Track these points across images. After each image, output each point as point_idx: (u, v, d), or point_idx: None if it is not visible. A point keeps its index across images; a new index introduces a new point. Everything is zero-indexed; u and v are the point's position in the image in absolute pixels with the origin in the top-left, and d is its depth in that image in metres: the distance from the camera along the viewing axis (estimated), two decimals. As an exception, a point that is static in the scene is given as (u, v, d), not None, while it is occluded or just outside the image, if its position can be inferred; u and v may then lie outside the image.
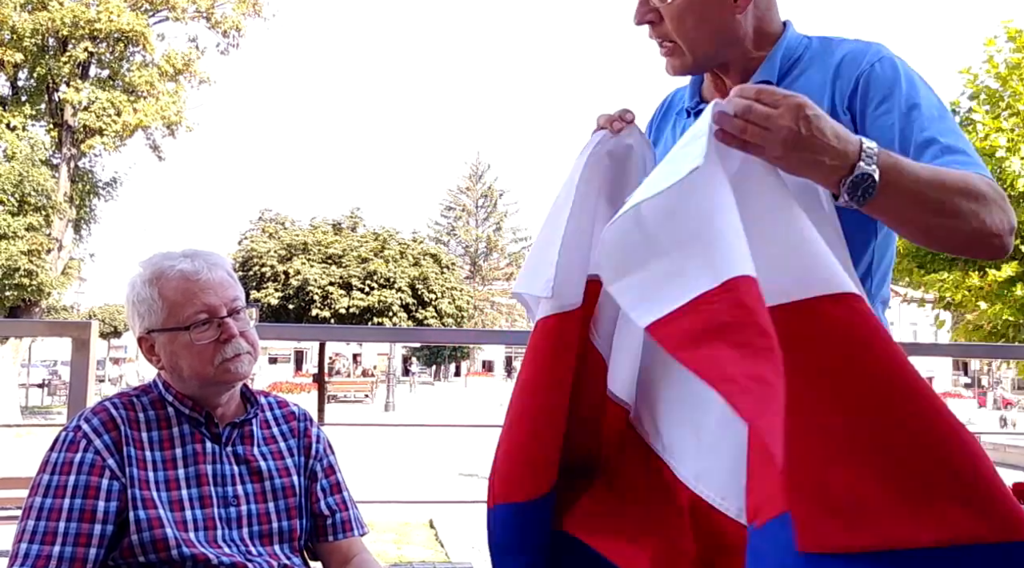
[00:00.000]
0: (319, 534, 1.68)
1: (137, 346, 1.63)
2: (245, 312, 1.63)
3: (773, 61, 1.44)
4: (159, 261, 1.59)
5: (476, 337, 9.21)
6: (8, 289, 18.96)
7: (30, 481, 1.49)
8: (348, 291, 22.40)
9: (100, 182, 22.68)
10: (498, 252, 57.01)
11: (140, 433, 1.53)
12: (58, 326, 2.72)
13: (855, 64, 1.37)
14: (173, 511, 1.48)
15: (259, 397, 1.71)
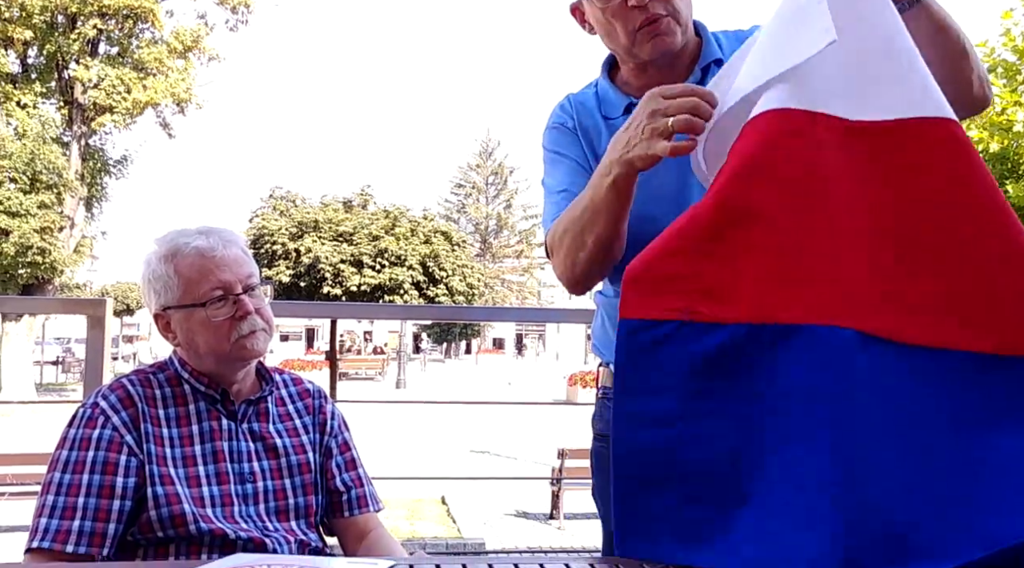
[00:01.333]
0: (335, 510, 1.69)
1: (153, 323, 1.63)
2: (260, 289, 1.63)
3: (710, 46, 1.54)
4: (174, 238, 1.59)
5: (487, 315, 9.20)
6: (21, 267, 19.07)
7: (46, 457, 1.50)
8: (359, 269, 22.42)
9: (111, 160, 22.75)
10: (508, 230, 56.91)
11: (157, 410, 1.53)
12: (73, 303, 2.73)
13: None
14: (190, 487, 1.49)
15: (274, 374, 1.71)
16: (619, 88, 1.58)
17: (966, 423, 0.97)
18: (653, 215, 1.39)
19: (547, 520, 7.73)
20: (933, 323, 1.01)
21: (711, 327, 1.04)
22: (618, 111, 1.56)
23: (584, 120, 1.59)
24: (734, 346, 1.02)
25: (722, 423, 1.03)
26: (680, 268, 1.07)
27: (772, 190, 1.06)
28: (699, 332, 1.04)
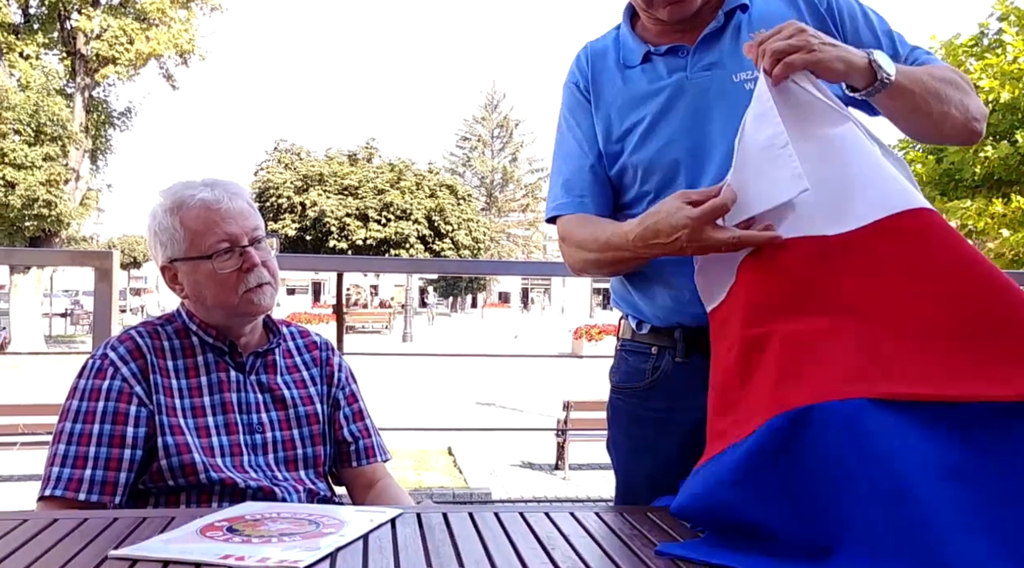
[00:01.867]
0: (343, 460, 1.71)
1: (160, 275, 1.63)
2: (266, 242, 1.63)
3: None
4: (180, 190, 1.59)
5: (493, 268, 9.19)
6: (28, 219, 19.08)
7: (57, 407, 1.51)
8: (365, 223, 22.39)
9: (115, 112, 22.61)
10: (514, 183, 56.65)
11: (166, 361, 1.55)
12: (80, 255, 2.73)
13: None
14: (200, 437, 1.50)
15: (281, 327, 1.72)
16: (639, 36, 1.57)
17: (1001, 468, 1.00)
18: (675, 159, 1.46)
19: (552, 471, 7.82)
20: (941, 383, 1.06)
21: (737, 445, 1.11)
22: (636, 59, 1.55)
23: (599, 73, 1.59)
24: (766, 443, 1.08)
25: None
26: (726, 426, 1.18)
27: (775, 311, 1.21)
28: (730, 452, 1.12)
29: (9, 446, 5.93)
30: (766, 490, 1.06)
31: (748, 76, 1.46)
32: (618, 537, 1.14)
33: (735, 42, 1.48)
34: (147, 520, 1.17)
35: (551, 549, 1.07)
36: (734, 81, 1.46)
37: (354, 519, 1.19)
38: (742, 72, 1.46)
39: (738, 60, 1.46)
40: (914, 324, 1.11)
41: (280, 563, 0.97)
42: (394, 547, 1.07)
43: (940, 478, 0.98)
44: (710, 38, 1.49)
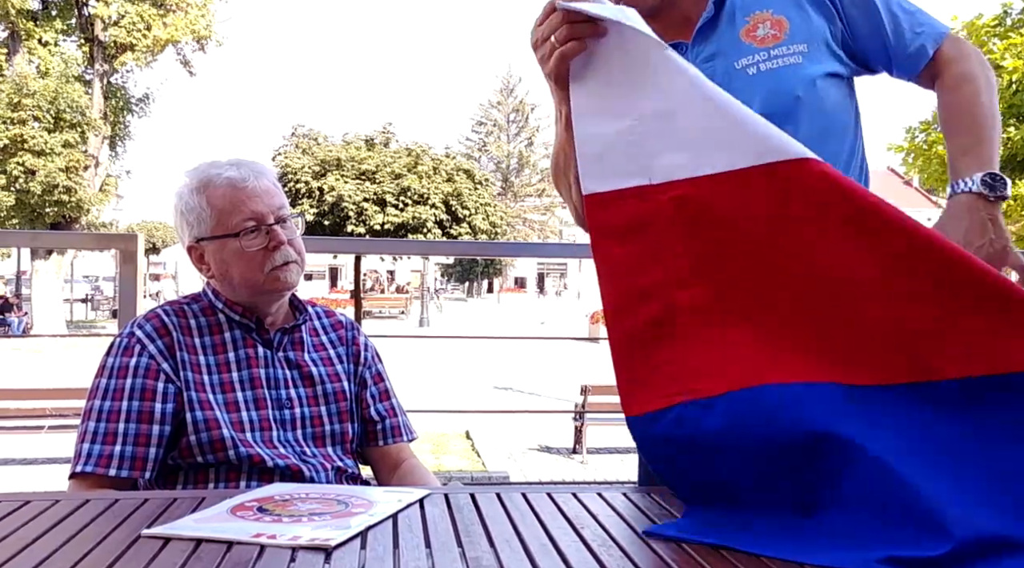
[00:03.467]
0: (369, 439, 1.71)
1: (177, 262, 1.64)
2: (292, 221, 1.63)
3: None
4: (206, 169, 1.59)
5: (511, 250, 9.19)
6: (48, 206, 19.23)
7: (82, 391, 1.52)
8: (382, 207, 22.39)
9: (133, 98, 22.70)
10: (530, 168, 56.51)
11: (192, 339, 1.55)
12: (105, 239, 2.75)
13: None
14: (229, 412, 1.51)
15: (307, 306, 1.72)
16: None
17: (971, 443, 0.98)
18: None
19: (570, 454, 7.83)
20: (899, 363, 1.01)
21: (711, 401, 1.06)
22: None
23: None
24: (732, 413, 1.05)
25: (745, 487, 1.05)
26: (665, 354, 1.09)
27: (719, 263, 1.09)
28: (700, 409, 1.07)
29: (36, 430, 6.00)
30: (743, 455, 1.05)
31: (750, 61, 1.45)
32: (647, 517, 1.13)
33: (731, 29, 1.48)
34: (177, 500, 1.17)
35: (580, 528, 1.06)
36: (736, 68, 1.46)
37: (383, 499, 1.19)
38: (743, 58, 1.46)
39: (737, 47, 1.46)
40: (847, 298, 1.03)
41: (311, 541, 0.97)
42: (424, 526, 1.07)
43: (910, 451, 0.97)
44: (705, 29, 1.49)
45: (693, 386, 1.07)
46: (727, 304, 1.08)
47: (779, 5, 1.48)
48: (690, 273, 1.08)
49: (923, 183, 18.64)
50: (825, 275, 1.04)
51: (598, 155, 1.12)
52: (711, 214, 1.08)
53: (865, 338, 1.03)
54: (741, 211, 1.06)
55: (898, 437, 0.99)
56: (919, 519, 0.92)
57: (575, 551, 0.98)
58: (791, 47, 1.46)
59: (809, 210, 1.04)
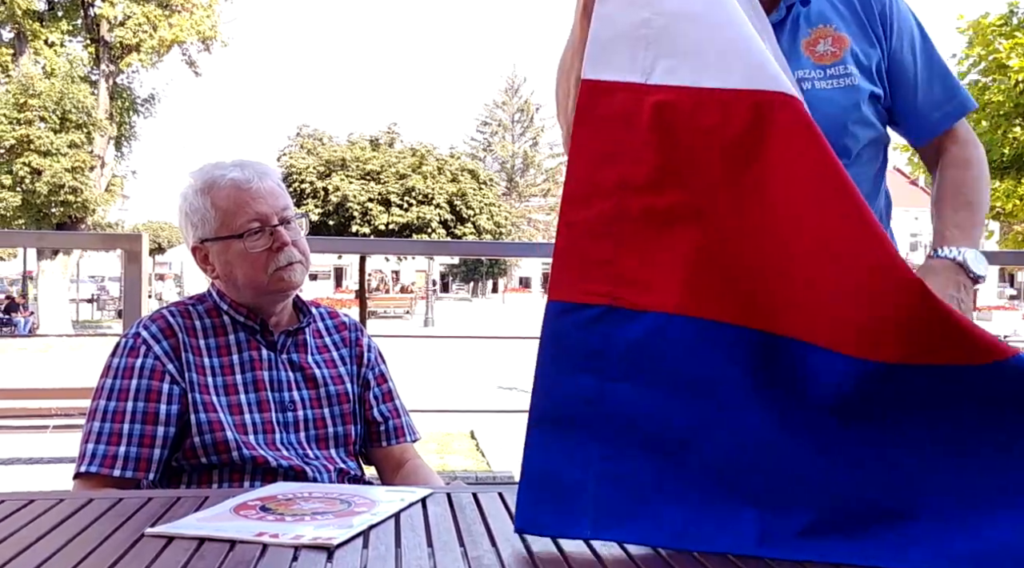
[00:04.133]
0: (372, 440, 1.72)
1: (183, 262, 1.65)
2: (296, 221, 1.63)
3: None
4: (210, 171, 1.60)
5: (515, 250, 9.19)
6: (54, 206, 19.29)
7: (87, 391, 1.53)
8: (387, 207, 22.41)
9: (139, 99, 22.77)
10: (535, 168, 56.48)
11: (197, 340, 1.56)
12: (110, 239, 2.76)
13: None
14: (232, 414, 1.52)
15: (311, 307, 1.72)
16: None
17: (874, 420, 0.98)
18: None
19: (575, 455, 7.83)
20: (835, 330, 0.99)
21: (634, 314, 1.04)
22: None
23: None
24: (655, 334, 1.03)
25: (642, 407, 1.03)
26: (605, 253, 1.06)
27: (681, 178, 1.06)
28: (622, 318, 1.05)
29: (41, 429, 6.01)
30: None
31: (805, 76, 1.44)
32: (650, 517, 1.13)
33: (793, 38, 1.45)
34: (181, 499, 1.18)
35: (583, 528, 1.06)
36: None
37: (385, 498, 1.19)
38: (799, 71, 1.44)
39: (796, 58, 1.44)
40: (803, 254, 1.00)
41: (314, 540, 0.98)
42: (426, 525, 1.07)
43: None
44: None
45: (622, 294, 1.05)
46: (676, 221, 1.05)
47: (843, 22, 1.47)
48: (649, 180, 1.05)
49: (928, 183, 18.61)
50: (777, 218, 1.01)
51: (608, 40, 1.08)
52: (685, 127, 1.04)
53: (799, 292, 1.00)
54: (715, 131, 1.03)
55: (795, 393, 0.99)
56: (788, 490, 0.97)
57: (577, 549, 0.98)
58: (847, 68, 1.45)
59: (779, 151, 1.01)
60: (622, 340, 1.04)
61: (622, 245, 1.06)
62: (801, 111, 1.01)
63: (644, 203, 1.06)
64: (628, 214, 1.06)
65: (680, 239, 1.05)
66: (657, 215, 1.06)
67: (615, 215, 1.06)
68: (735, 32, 1.05)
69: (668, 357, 1.03)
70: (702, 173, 1.04)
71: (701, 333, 1.03)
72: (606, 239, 1.06)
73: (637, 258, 1.06)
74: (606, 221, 1.07)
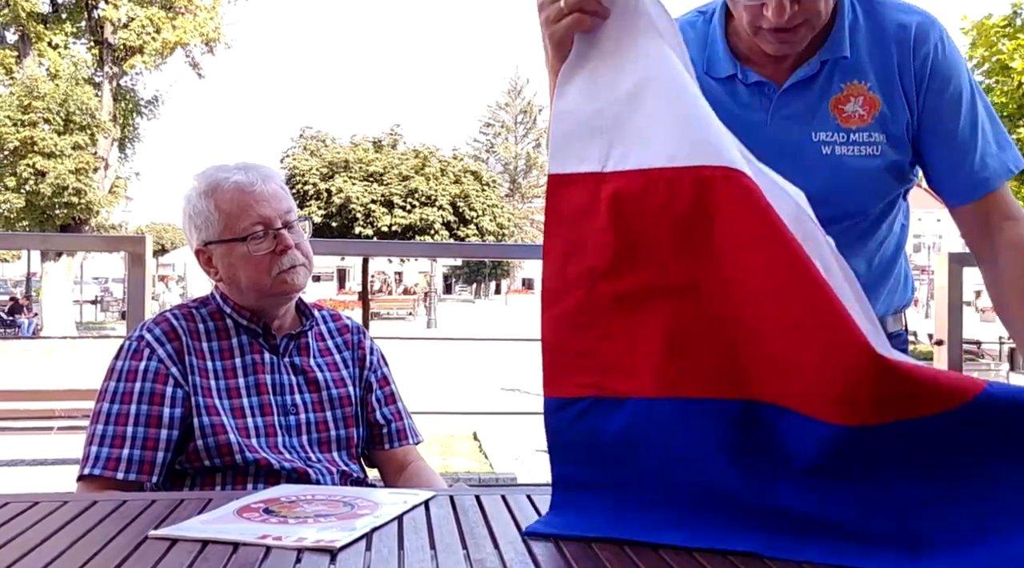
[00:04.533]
0: (375, 443, 1.72)
1: (184, 267, 1.65)
2: (299, 224, 1.64)
3: (841, 33, 1.38)
4: (214, 173, 1.60)
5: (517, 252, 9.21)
6: (58, 207, 19.33)
7: (91, 393, 1.53)
8: (390, 209, 22.45)
9: (142, 101, 22.80)
10: (538, 169, 56.49)
11: (201, 343, 1.56)
12: (114, 241, 2.77)
13: (913, 42, 1.38)
14: (235, 418, 1.52)
15: (313, 310, 1.73)
16: (730, 44, 1.43)
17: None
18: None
19: (578, 457, 7.83)
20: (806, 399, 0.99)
21: (618, 402, 1.08)
22: (721, 72, 1.43)
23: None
24: (638, 419, 1.06)
25: (638, 490, 1.07)
26: (588, 344, 1.09)
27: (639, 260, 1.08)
28: (608, 407, 1.08)
29: (46, 431, 6.02)
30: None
31: (827, 138, 1.39)
32: (652, 519, 1.13)
33: (824, 92, 1.39)
34: (184, 502, 1.18)
35: (586, 531, 1.06)
36: (812, 140, 1.39)
37: (388, 501, 1.19)
38: (823, 132, 1.39)
39: (822, 116, 1.39)
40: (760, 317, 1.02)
41: (317, 543, 0.98)
42: (429, 528, 1.07)
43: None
44: (800, 86, 1.40)
45: (605, 383, 1.08)
46: (644, 303, 1.07)
47: (879, 80, 1.39)
48: (612, 265, 1.08)
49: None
50: (733, 292, 1.03)
51: (566, 135, 1.12)
52: (636, 209, 1.07)
53: (767, 363, 1.01)
54: (663, 210, 1.05)
55: (781, 457, 1.01)
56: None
57: (579, 552, 0.98)
58: (872, 135, 1.39)
59: (725, 225, 1.03)
60: (608, 431, 1.08)
61: (601, 333, 1.09)
62: (746, 184, 1.02)
63: (613, 289, 1.08)
64: (601, 302, 1.09)
65: (650, 320, 1.07)
66: (627, 299, 1.08)
67: (590, 305, 1.09)
68: (682, 109, 1.07)
69: (652, 439, 1.06)
70: (656, 252, 1.07)
71: (682, 410, 1.05)
72: (586, 330, 1.10)
73: (617, 344, 1.08)
74: (583, 312, 1.09)
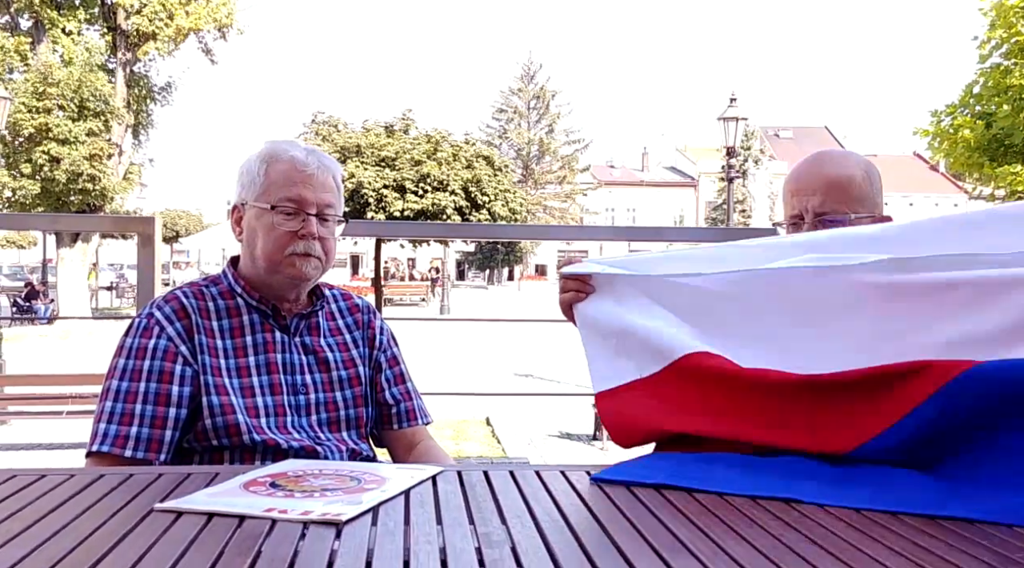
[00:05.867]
0: (384, 422, 1.72)
1: (228, 214, 1.66)
2: (334, 221, 1.63)
3: None
4: (279, 145, 1.63)
5: (530, 232, 9.19)
6: (73, 194, 19.41)
7: (101, 376, 1.53)
8: (402, 194, 22.45)
9: (156, 87, 22.83)
10: (551, 155, 56.25)
11: (211, 322, 1.56)
12: (123, 222, 2.77)
13: None
14: (244, 398, 1.51)
15: (324, 290, 1.72)
16: None
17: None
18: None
19: (590, 441, 7.82)
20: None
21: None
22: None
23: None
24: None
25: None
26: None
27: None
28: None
29: (56, 415, 6.07)
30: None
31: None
32: (660, 495, 1.12)
33: None
34: (191, 476, 1.18)
35: (593, 506, 1.05)
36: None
37: (395, 476, 1.19)
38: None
39: None
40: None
41: (323, 516, 0.97)
42: (435, 502, 1.07)
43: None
44: None
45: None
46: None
47: None
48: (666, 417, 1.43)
49: (949, 168, 18.42)
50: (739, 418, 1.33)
51: (599, 362, 1.54)
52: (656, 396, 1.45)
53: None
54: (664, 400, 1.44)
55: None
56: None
57: (587, 527, 0.97)
58: None
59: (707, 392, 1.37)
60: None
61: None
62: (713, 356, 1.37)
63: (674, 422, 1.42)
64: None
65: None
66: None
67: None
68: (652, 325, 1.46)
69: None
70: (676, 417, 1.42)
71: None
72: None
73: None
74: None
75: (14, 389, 7.30)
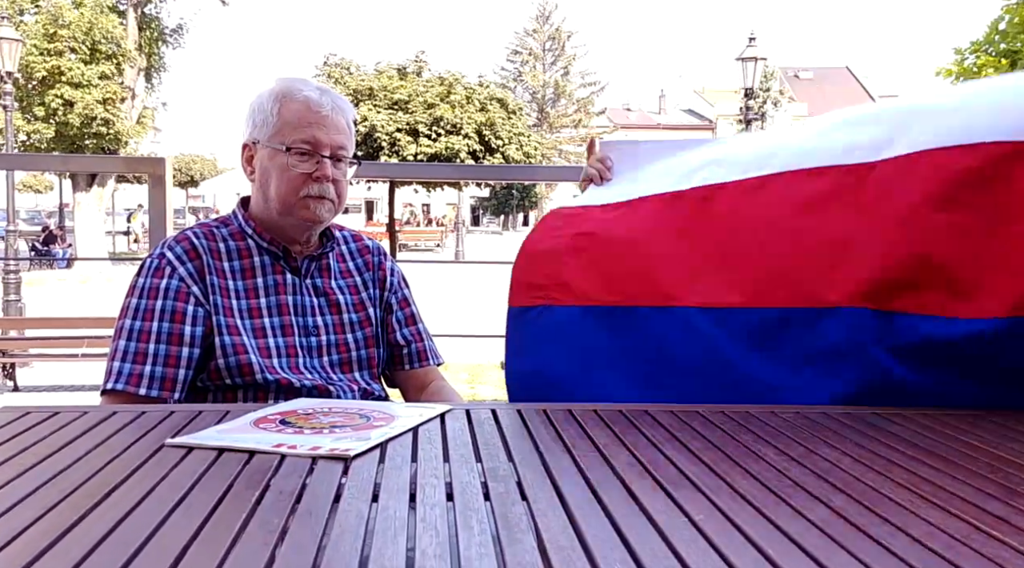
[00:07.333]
0: (395, 363, 1.73)
1: (240, 152, 1.63)
2: (346, 163, 1.61)
3: None
4: (292, 82, 1.61)
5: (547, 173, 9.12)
6: (87, 137, 19.39)
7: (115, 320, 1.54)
8: (415, 138, 22.27)
9: (167, 29, 22.60)
10: (566, 98, 55.51)
11: (222, 263, 1.56)
12: (133, 162, 2.77)
13: None
14: (256, 338, 1.52)
15: (334, 231, 1.71)
16: None
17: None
18: None
19: (603, 384, 7.88)
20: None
21: (561, 309, 1.62)
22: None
23: None
24: (570, 320, 1.60)
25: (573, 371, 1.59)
26: (546, 271, 1.66)
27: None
28: (553, 312, 1.62)
29: (72, 358, 6.16)
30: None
31: None
32: (667, 430, 1.13)
33: None
34: (203, 413, 1.19)
35: (602, 445, 1.06)
36: None
37: (404, 413, 1.20)
38: None
39: None
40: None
41: (331, 451, 0.98)
42: (443, 439, 1.08)
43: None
44: None
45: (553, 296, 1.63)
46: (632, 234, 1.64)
47: None
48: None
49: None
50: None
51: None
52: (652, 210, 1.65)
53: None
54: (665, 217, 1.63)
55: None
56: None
57: (595, 462, 0.98)
58: None
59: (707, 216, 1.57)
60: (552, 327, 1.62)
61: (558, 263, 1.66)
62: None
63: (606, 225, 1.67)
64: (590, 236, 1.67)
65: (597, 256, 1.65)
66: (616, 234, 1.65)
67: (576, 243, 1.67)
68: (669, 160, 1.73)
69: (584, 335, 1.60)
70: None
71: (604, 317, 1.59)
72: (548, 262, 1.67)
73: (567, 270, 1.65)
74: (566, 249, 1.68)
75: (34, 331, 7.40)
